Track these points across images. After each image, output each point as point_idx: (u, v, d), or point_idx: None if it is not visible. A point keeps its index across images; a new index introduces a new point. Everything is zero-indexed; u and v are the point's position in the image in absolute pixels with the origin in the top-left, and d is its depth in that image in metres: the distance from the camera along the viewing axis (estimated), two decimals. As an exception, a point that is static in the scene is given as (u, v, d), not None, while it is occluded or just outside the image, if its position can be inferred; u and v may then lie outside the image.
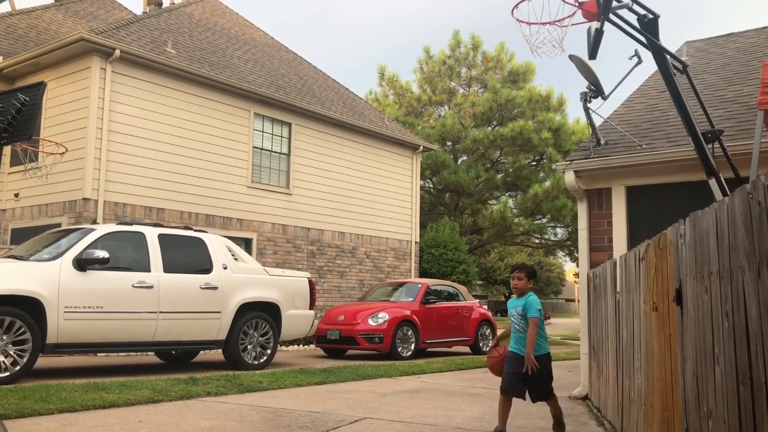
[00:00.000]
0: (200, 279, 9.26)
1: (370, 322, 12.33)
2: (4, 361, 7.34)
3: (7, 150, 11.61)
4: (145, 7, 20.14)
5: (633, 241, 7.58)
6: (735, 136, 7.32)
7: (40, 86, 6.00)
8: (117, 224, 9.23)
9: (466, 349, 14.55)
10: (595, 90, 7.89)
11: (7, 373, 7.30)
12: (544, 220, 27.37)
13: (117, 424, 5.30)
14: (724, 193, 5.75)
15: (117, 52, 12.77)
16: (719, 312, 2.46)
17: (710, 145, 6.32)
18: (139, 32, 14.44)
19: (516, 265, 5.63)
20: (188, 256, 9.39)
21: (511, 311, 5.15)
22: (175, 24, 16.43)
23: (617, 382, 5.40)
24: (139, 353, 11.02)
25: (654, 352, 3.85)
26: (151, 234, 9.05)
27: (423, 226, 22.03)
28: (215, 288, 9.35)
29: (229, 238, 11.73)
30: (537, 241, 30.71)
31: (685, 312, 3.06)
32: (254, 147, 15.57)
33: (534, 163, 27.49)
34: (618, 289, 5.34)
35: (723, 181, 5.98)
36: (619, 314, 5.27)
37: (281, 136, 16.30)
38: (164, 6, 19.65)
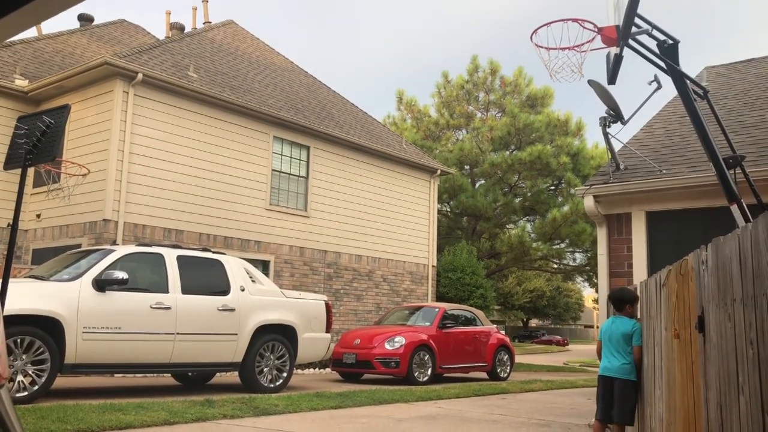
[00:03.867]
0: (218, 301, 9.28)
1: (387, 346, 12.26)
2: (22, 381, 7.38)
3: (30, 171, 11.77)
4: (168, 32, 20.48)
5: (653, 266, 7.50)
6: (757, 162, 7.26)
7: (65, 109, 6.09)
8: (136, 245, 9.31)
9: (484, 375, 14.41)
10: (615, 115, 7.87)
11: (26, 393, 7.34)
12: (563, 245, 27.16)
13: (133, 445, 5.29)
14: (747, 220, 5.68)
15: (140, 76, 12.97)
16: (743, 340, 2.42)
17: (732, 171, 6.26)
18: (162, 56, 14.68)
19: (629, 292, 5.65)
20: (206, 278, 9.43)
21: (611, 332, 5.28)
22: (197, 48, 16.68)
23: (638, 411, 5.31)
24: (155, 374, 11.03)
25: (676, 381, 3.78)
26: (170, 255, 9.11)
27: (440, 249, 21.94)
28: (232, 310, 9.37)
29: (247, 260, 11.78)
30: (555, 266, 30.48)
31: (708, 340, 3.01)
32: (273, 170, 15.68)
33: (552, 187, 27.38)
34: (638, 316, 5.28)
35: (745, 207, 5.91)
36: (639, 341, 5.19)
37: (300, 159, 16.41)
38: (186, 31, 19.97)
